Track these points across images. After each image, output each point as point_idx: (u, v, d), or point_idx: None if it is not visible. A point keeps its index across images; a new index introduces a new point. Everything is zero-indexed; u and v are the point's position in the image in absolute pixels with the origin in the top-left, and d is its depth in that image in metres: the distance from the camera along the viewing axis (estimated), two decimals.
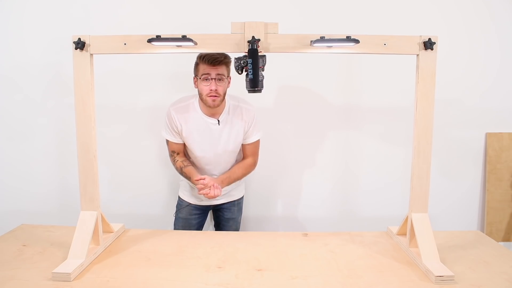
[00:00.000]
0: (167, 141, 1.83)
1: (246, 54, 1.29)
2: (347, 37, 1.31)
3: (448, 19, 2.22)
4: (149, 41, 1.32)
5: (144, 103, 2.28)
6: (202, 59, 1.65)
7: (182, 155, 1.84)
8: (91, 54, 1.36)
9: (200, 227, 2.00)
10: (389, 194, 2.37)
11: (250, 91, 1.29)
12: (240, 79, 1.38)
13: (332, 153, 2.36)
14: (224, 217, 2.00)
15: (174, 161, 1.82)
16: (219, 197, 1.81)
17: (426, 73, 1.36)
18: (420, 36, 1.35)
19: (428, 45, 1.33)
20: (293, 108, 2.32)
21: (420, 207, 1.42)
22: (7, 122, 2.30)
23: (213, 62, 1.63)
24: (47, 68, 2.23)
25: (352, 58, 2.24)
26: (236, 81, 1.73)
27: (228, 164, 1.86)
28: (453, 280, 1.22)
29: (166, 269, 1.30)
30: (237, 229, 2.05)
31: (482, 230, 2.38)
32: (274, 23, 1.34)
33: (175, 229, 1.96)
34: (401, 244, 1.50)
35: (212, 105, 1.68)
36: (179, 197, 1.99)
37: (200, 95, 1.71)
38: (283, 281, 1.23)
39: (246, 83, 1.29)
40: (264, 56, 1.33)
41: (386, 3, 2.20)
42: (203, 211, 1.98)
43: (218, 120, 1.76)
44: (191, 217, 1.95)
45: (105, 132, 2.18)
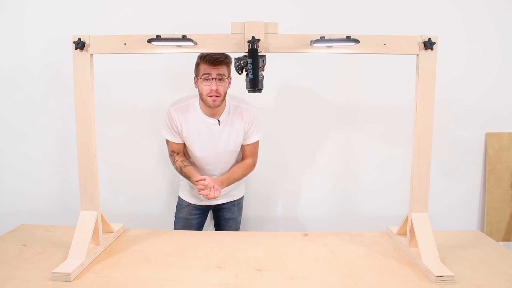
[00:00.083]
0: (167, 141, 1.83)
1: (246, 54, 1.29)
2: (347, 37, 1.31)
3: (448, 19, 2.22)
4: (149, 41, 1.32)
5: (144, 103, 2.28)
6: (203, 59, 1.65)
7: (182, 155, 1.84)
8: (91, 54, 1.36)
9: (200, 227, 2.00)
10: (389, 194, 2.37)
11: (250, 91, 1.29)
12: (240, 79, 1.38)
13: (332, 153, 2.36)
14: (224, 217, 2.00)
15: (174, 161, 1.82)
16: (219, 197, 1.81)
17: (426, 73, 1.36)
18: (420, 36, 1.35)
19: (428, 45, 1.33)
20: (293, 108, 2.32)
21: (420, 207, 1.42)
22: (7, 122, 2.30)
23: (214, 62, 1.63)
24: (47, 68, 2.23)
25: (352, 58, 2.24)
26: (236, 81, 1.73)
27: (228, 164, 1.86)
28: (453, 280, 1.22)
29: (166, 269, 1.30)
30: (237, 229, 2.05)
31: (482, 230, 2.38)
32: (274, 23, 1.34)
33: (175, 229, 1.96)
34: (401, 244, 1.50)
35: (213, 105, 1.68)
36: (179, 197, 2.00)
37: (201, 95, 1.71)
38: (283, 281, 1.23)
39: (246, 83, 1.29)
40: (264, 56, 1.33)
41: (386, 3, 2.20)
42: (203, 211, 1.98)
43: (218, 120, 1.76)
44: (191, 217, 1.95)
45: (105, 132, 2.18)
